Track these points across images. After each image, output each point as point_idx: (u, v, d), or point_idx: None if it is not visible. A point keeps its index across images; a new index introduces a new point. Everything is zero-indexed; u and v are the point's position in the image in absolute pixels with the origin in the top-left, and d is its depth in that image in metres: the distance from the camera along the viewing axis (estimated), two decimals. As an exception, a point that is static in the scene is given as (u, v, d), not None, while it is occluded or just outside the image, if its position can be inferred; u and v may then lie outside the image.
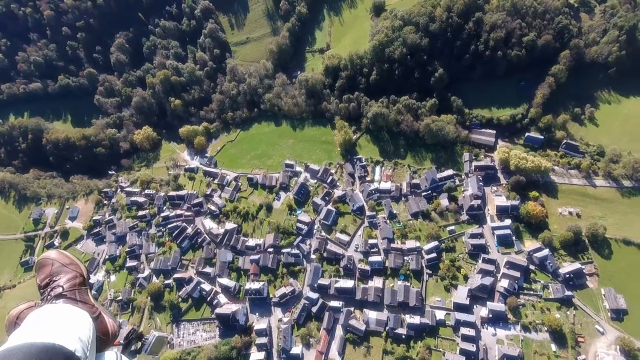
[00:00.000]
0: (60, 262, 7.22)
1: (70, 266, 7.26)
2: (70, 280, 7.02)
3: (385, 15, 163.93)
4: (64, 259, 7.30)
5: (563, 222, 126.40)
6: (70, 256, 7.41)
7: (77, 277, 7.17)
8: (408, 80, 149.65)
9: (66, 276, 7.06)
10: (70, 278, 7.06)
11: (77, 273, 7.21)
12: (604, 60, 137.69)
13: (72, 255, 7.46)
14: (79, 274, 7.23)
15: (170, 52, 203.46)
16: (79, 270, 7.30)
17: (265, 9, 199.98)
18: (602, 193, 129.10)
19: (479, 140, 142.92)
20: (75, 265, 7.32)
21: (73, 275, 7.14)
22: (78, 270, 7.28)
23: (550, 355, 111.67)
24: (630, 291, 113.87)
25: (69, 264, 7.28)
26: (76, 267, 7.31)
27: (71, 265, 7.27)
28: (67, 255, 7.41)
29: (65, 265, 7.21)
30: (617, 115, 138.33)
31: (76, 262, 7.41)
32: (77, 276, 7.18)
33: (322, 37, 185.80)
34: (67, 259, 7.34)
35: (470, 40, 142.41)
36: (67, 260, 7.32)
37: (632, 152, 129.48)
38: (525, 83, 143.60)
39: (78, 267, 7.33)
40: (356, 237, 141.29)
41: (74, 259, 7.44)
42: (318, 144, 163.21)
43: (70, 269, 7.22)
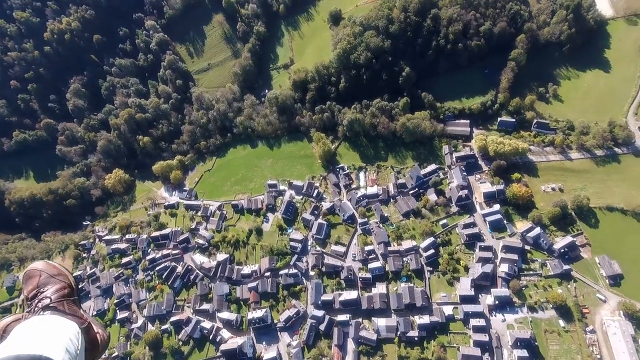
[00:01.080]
0: (48, 273, 7.15)
1: (59, 277, 7.19)
2: (58, 291, 6.94)
3: (344, 23, 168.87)
4: (52, 270, 7.23)
5: (548, 199, 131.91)
6: (58, 267, 7.34)
7: (66, 287, 7.10)
8: (377, 83, 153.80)
9: (54, 287, 6.98)
10: (58, 289, 6.98)
11: (65, 284, 7.15)
12: (557, 40, 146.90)
13: (60, 266, 7.40)
14: (67, 284, 7.16)
15: (130, 89, 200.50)
16: (68, 281, 7.23)
17: (222, 33, 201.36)
18: (578, 165, 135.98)
19: (455, 131, 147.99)
20: (63, 276, 7.25)
21: (61, 286, 7.07)
22: (66, 281, 7.22)
23: (560, 331, 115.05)
24: (623, 255, 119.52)
25: (57, 274, 7.21)
26: (64, 277, 7.24)
27: (59, 276, 7.21)
28: (55, 265, 7.35)
29: (53, 276, 7.14)
30: (579, 89, 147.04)
31: (64, 272, 7.34)
32: (66, 287, 7.11)
33: (285, 53, 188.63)
34: (55, 270, 7.26)
35: (430, 37, 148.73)
36: (55, 271, 7.25)
37: (599, 122, 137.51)
38: (489, 70, 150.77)
39: (66, 278, 7.26)
40: (352, 247, 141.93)
41: (62, 269, 7.37)
42: (298, 159, 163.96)
43: (58, 279, 7.14)
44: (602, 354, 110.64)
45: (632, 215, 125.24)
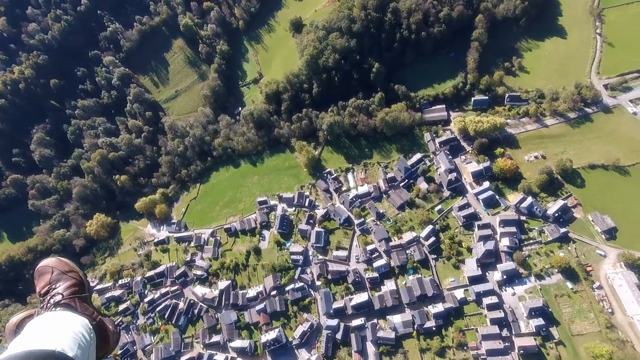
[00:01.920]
0: (60, 270, 7.29)
1: (70, 273, 7.33)
2: (69, 288, 7.09)
3: (307, 29, 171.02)
4: (64, 267, 7.37)
5: (533, 168, 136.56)
6: (69, 263, 7.50)
7: (77, 284, 7.25)
8: (350, 83, 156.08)
9: (65, 284, 7.14)
10: (69, 285, 7.13)
11: (76, 281, 7.29)
12: (513, 15, 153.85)
13: (72, 263, 7.55)
14: (78, 281, 7.31)
15: (98, 129, 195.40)
16: (79, 278, 7.37)
17: (185, 58, 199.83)
18: (555, 130, 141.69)
19: (433, 117, 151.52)
20: (74, 273, 7.39)
21: (73, 282, 7.22)
22: (78, 277, 7.36)
23: (569, 293, 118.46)
24: (612, 209, 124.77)
25: (68, 271, 7.35)
26: (76, 274, 7.39)
27: (71, 273, 7.35)
28: (66, 262, 7.50)
29: (64, 273, 7.29)
30: (541, 59, 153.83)
31: (76, 269, 7.48)
32: (77, 283, 7.26)
33: (252, 68, 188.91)
34: (67, 266, 7.41)
35: (393, 30, 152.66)
36: (67, 267, 7.39)
37: (566, 86, 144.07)
38: (454, 54, 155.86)
39: (78, 275, 7.40)
40: (353, 249, 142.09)
41: (74, 266, 7.51)
42: (284, 172, 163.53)
43: (69, 276, 7.29)
44: (613, 307, 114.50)
45: (613, 169, 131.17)
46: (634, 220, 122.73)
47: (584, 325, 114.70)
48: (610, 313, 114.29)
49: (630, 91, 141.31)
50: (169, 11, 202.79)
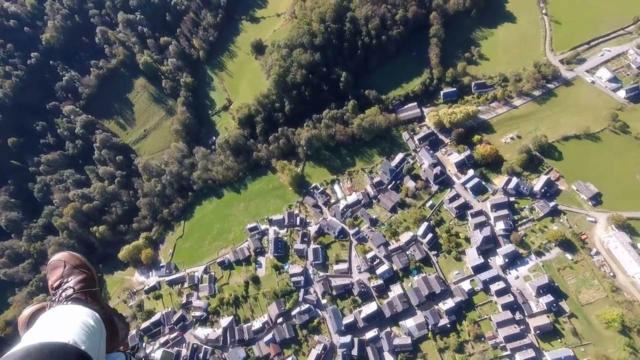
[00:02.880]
0: (72, 264, 7.46)
1: (82, 268, 7.50)
2: (81, 282, 7.27)
3: (270, 49, 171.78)
4: (75, 261, 7.54)
5: (512, 149, 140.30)
6: (81, 258, 7.65)
7: (88, 279, 7.43)
8: (321, 96, 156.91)
9: (77, 277, 7.31)
10: (81, 279, 7.31)
11: (87, 275, 7.46)
12: (464, 8, 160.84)
13: (83, 258, 7.70)
14: (89, 276, 7.49)
15: (67, 182, 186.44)
16: (90, 273, 7.55)
17: (149, 96, 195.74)
18: (524, 110, 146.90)
19: (408, 116, 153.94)
20: (86, 267, 7.56)
21: (84, 277, 7.39)
22: (89, 272, 7.54)
23: (570, 264, 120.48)
24: (592, 175, 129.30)
25: (80, 266, 7.51)
26: (87, 269, 7.56)
27: (82, 267, 7.52)
28: (78, 257, 7.65)
29: (76, 267, 7.45)
30: (497, 45, 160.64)
31: (87, 264, 7.63)
32: (88, 278, 7.43)
33: (220, 96, 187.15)
34: (79, 261, 7.58)
35: (354, 38, 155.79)
36: (79, 262, 7.56)
37: (525, 67, 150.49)
38: (416, 53, 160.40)
39: (89, 270, 7.57)
40: (353, 260, 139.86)
41: (85, 260, 7.67)
42: (269, 194, 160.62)
43: (81, 270, 7.46)
44: (613, 270, 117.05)
45: (585, 137, 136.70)
46: (614, 182, 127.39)
47: (591, 293, 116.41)
48: (612, 276, 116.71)
49: (584, 62, 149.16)
50: (125, 51, 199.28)
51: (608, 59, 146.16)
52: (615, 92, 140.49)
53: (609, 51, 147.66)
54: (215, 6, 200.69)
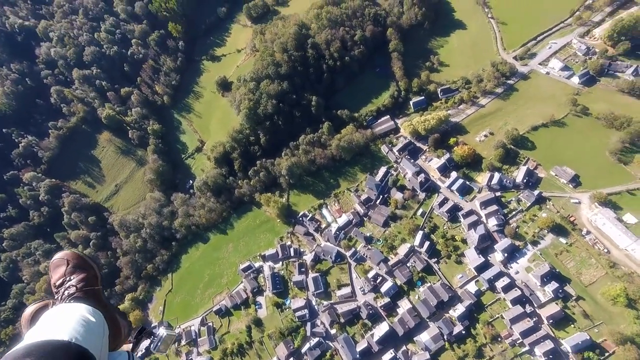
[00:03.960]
0: (75, 263, 7.51)
1: (84, 266, 7.56)
2: (84, 280, 7.33)
3: (236, 85, 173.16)
4: (78, 259, 7.60)
5: (487, 145, 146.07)
6: (84, 256, 7.72)
7: (91, 277, 7.50)
8: (295, 123, 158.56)
9: (80, 276, 7.37)
10: (84, 278, 7.37)
11: (90, 274, 7.54)
12: (417, 21, 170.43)
13: (86, 256, 7.76)
14: (92, 274, 7.56)
15: (37, 255, 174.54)
16: (93, 271, 7.62)
17: (116, 149, 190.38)
18: (491, 107, 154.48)
19: (383, 129, 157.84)
20: (89, 266, 7.62)
21: (87, 275, 7.46)
22: (92, 270, 7.61)
23: (566, 248, 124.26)
24: (566, 158, 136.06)
25: (82, 264, 7.58)
26: (90, 267, 7.62)
27: (85, 266, 7.58)
28: (81, 255, 7.73)
29: (79, 266, 7.51)
30: (453, 51, 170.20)
31: (90, 262, 7.70)
32: (91, 277, 7.51)
33: (191, 138, 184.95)
34: (81, 259, 7.63)
35: (319, 62, 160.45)
36: (81, 260, 7.63)
37: (484, 67, 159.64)
38: (380, 68, 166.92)
39: (92, 268, 7.64)
40: (355, 282, 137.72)
41: (88, 259, 7.75)
42: (258, 230, 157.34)
43: (84, 269, 7.52)
44: (607, 246, 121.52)
45: (552, 124, 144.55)
46: (588, 162, 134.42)
47: (591, 272, 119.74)
48: (607, 253, 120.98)
49: (535, 56, 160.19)
50: (85, 108, 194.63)
51: (556, 50, 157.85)
52: (569, 79, 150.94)
53: (555, 43, 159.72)
54: (173, 51, 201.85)
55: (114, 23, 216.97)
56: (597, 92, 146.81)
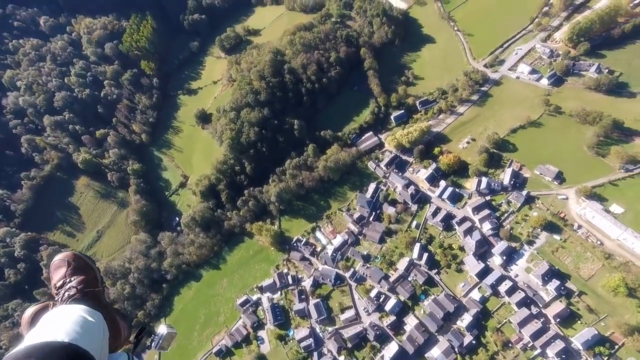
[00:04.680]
0: (76, 264, 7.59)
1: (85, 268, 7.65)
2: (84, 282, 7.43)
3: (216, 116, 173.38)
4: (79, 261, 7.67)
5: (471, 152, 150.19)
6: (85, 258, 7.81)
7: (92, 279, 7.61)
8: (279, 148, 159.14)
9: (80, 277, 7.46)
10: (84, 279, 7.46)
11: (91, 275, 7.64)
12: (387, 39, 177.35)
13: (87, 258, 7.87)
14: (92, 276, 7.66)
15: (15, 316, 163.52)
16: (93, 273, 7.73)
17: (95, 194, 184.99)
18: (469, 115, 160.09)
19: (368, 146, 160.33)
20: (89, 267, 7.72)
21: (87, 277, 7.55)
22: (92, 272, 7.71)
23: (561, 244, 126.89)
24: (548, 156, 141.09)
25: (83, 265, 7.66)
26: (91, 269, 7.72)
27: (85, 267, 7.66)
28: (81, 257, 7.79)
29: (80, 267, 7.59)
30: (426, 64, 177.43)
31: (90, 264, 7.79)
32: (91, 278, 7.61)
33: (174, 174, 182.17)
34: (82, 261, 7.72)
35: (297, 86, 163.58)
36: (82, 262, 7.71)
37: (457, 77, 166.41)
38: (358, 87, 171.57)
39: (92, 270, 7.74)
40: (358, 303, 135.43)
41: (89, 260, 7.82)
42: (252, 261, 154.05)
43: (84, 270, 7.61)
44: (599, 238, 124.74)
45: (529, 125, 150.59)
46: (568, 158, 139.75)
47: (589, 266, 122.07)
48: (600, 245, 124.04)
49: (504, 62, 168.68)
50: (59, 154, 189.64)
51: (522, 56, 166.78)
52: (538, 81, 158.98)
53: (520, 49, 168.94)
54: (148, 88, 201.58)
55: (84, 66, 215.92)
56: (566, 91, 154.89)
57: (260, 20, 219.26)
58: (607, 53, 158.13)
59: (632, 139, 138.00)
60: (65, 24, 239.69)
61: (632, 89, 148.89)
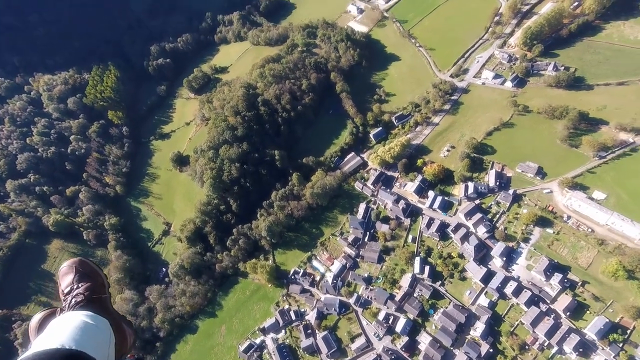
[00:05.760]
0: (83, 270, 7.64)
1: (92, 274, 7.69)
2: (91, 288, 7.43)
3: (194, 157, 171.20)
4: (86, 267, 7.73)
5: (453, 159, 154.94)
6: (92, 265, 7.84)
7: (99, 285, 7.63)
8: (263, 181, 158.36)
9: (87, 284, 7.46)
10: (91, 286, 7.47)
11: (98, 282, 7.67)
12: (355, 62, 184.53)
13: (94, 264, 7.90)
14: (100, 282, 7.69)
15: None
16: (100, 279, 7.76)
17: (71, 256, 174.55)
18: (445, 124, 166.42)
19: (352, 167, 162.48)
20: (97, 274, 7.75)
21: (94, 283, 7.57)
22: (100, 278, 7.74)
23: (555, 237, 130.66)
24: (525, 154, 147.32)
25: (91, 272, 7.71)
26: (98, 275, 7.75)
27: (93, 274, 7.71)
28: (89, 263, 7.84)
29: (87, 274, 7.62)
30: (396, 81, 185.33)
31: (98, 271, 7.84)
32: (99, 285, 7.64)
33: (155, 223, 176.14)
34: (89, 268, 7.75)
35: (273, 117, 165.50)
36: (89, 268, 7.75)
37: (426, 90, 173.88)
38: (333, 110, 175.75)
39: (99, 276, 7.77)
40: (367, 329, 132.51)
41: (96, 267, 7.88)
42: (250, 301, 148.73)
43: (92, 277, 7.64)
44: (589, 226, 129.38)
45: (502, 126, 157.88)
46: (545, 153, 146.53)
47: (585, 254, 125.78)
48: (591, 232, 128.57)
49: (468, 71, 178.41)
50: (26, 220, 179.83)
51: (484, 63, 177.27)
52: (503, 85, 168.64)
53: (480, 57, 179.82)
54: (118, 138, 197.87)
55: (47, 124, 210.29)
56: (529, 91, 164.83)
57: (226, 58, 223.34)
58: (559, 52, 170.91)
59: (599, 127, 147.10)
60: (22, 84, 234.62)
61: (588, 81, 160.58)
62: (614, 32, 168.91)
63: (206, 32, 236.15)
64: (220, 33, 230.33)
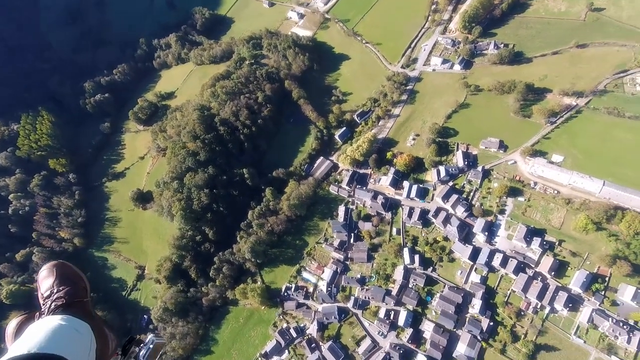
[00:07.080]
0: (63, 274, 7.74)
1: (73, 278, 7.80)
2: (72, 292, 7.52)
3: (157, 191, 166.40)
4: (67, 270, 7.84)
5: (420, 146, 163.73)
6: (73, 268, 7.97)
7: (80, 288, 7.74)
8: (236, 202, 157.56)
9: (68, 287, 7.56)
10: (72, 289, 7.56)
11: (79, 285, 7.77)
12: (306, 67, 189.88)
13: (75, 268, 8.03)
14: (81, 286, 7.81)
15: None
16: (82, 283, 7.87)
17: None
18: (405, 114, 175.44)
19: (323, 171, 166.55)
20: (78, 278, 7.87)
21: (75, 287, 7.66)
22: (81, 282, 7.85)
23: (527, 204, 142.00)
24: (485, 130, 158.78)
25: (71, 275, 7.81)
26: (79, 279, 7.87)
27: (74, 277, 7.82)
28: (70, 266, 7.96)
29: (68, 277, 7.73)
30: (349, 80, 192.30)
31: (79, 274, 7.95)
32: (79, 288, 7.73)
33: (128, 271, 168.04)
34: (71, 271, 7.87)
35: (234, 134, 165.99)
36: (71, 271, 7.87)
37: (382, 84, 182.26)
38: (293, 118, 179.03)
39: (81, 280, 7.90)
40: (370, 329, 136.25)
41: (77, 271, 7.99)
42: (245, 328, 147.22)
43: (72, 280, 7.74)
44: (555, 188, 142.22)
45: (459, 108, 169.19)
46: (502, 127, 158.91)
47: (556, 215, 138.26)
48: (558, 193, 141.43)
49: (417, 60, 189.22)
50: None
51: (430, 50, 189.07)
52: (452, 68, 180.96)
53: (426, 45, 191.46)
54: (65, 187, 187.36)
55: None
56: (477, 71, 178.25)
57: (170, 82, 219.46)
58: (496, 31, 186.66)
59: (545, 96, 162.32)
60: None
61: (527, 55, 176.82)
62: (540, 7, 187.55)
63: (143, 59, 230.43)
64: (159, 58, 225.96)
